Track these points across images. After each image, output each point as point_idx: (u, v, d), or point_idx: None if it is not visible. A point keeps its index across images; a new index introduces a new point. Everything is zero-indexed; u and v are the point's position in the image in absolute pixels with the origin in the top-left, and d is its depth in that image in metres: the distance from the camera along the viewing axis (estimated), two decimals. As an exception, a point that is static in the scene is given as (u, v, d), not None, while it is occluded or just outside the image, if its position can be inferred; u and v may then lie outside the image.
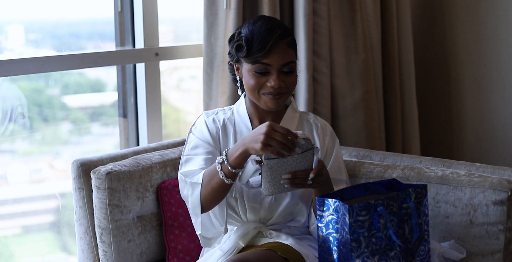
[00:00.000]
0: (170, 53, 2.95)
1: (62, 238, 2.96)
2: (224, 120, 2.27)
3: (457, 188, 2.27)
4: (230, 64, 2.26)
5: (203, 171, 2.13)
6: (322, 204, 2.00)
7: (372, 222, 1.99)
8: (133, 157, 2.44)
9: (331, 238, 1.99)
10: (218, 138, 2.24)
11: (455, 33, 3.47)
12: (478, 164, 2.45)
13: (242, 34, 2.15)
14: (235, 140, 2.24)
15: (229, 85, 2.82)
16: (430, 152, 3.55)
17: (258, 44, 2.11)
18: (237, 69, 2.23)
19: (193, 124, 2.29)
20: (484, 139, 3.45)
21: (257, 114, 2.25)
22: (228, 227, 2.24)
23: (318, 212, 2.02)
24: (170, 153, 2.52)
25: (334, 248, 1.99)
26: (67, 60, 2.66)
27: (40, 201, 2.94)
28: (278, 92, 2.14)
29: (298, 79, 2.23)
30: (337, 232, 1.98)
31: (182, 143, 2.67)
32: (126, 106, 2.95)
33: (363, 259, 1.97)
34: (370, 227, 1.98)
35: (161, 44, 2.92)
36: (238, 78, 2.24)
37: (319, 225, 2.02)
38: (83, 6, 2.90)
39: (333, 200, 1.98)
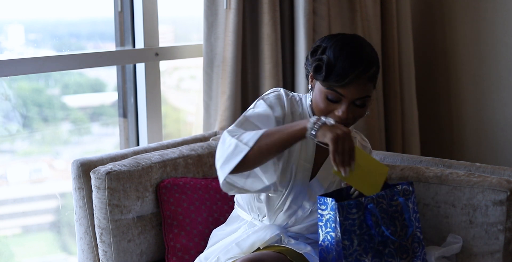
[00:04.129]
0: (170, 53, 2.95)
1: (62, 238, 2.96)
2: (294, 112, 2.16)
3: (456, 188, 2.27)
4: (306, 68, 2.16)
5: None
6: (323, 203, 2.01)
7: (363, 220, 2.00)
8: (132, 157, 2.44)
9: (328, 237, 2.00)
10: (285, 121, 2.14)
11: (455, 33, 3.47)
12: (478, 164, 2.45)
13: (325, 56, 2.03)
14: None
15: (229, 85, 2.82)
16: (430, 152, 3.55)
17: (338, 75, 2.01)
18: (311, 77, 2.12)
19: (267, 94, 2.17)
20: (484, 139, 3.45)
21: None
22: (249, 222, 2.23)
23: (319, 211, 2.03)
24: (170, 153, 2.52)
25: (331, 246, 2.00)
26: (67, 60, 2.66)
27: (40, 201, 2.95)
28: (344, 122, 2.06)
29: (368, 111, 2.13)
30: (333, 230, 1.99)
31: (182, 143, 2.67)
32: (126, 106, 2.95)
33: (356, 257, 1.98)
34: (361, 224, 1.99)
35: (161, 44, 2.92)
36: (309, 86, 2.13)
37: (320, 223, 2.03)
38: (83, 6, 2.90)
39: (331, 199, 1.99)
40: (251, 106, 2.15)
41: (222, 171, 2.00)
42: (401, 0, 3.28)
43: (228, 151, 1.99)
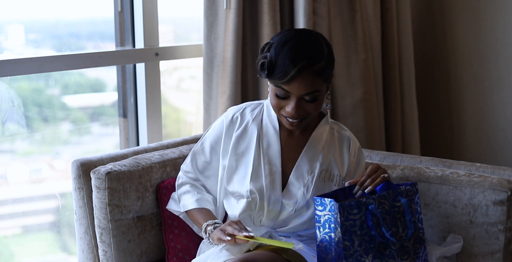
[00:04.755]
0: (170, 53, 2.94)
1: (62, 238, 2.96)
2: (248, 122, 2.22)
3: (457, 188, 2.27)
4: None
5: (194, 204, 2.26)
6: (320, 204, 2.01)
7: (364, 221, 1.99)
8: (133, 157, 2.44)
9: (327, 238, 2.00)
10: (236, 138, 2.21)
11: (455, 33, 3.47)
12: (478, 164, 2.44)
13: (269, 53, 2.04)
14: (259, 143, 2.20)
15: (229, 85, 2.82)
16: (430, 152, 3.55)
17: (279, 72, 2.01)
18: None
19: (218, 119, 2.29)
20: (484, 139, 3.45)
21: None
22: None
23: (316, 212, 2.02)
24: (170, 153, 2.52)
25: (330, 247, 1.99)
26: (67, 60, 2.66)
27: (40, 201, 2.94)
28: (296, 118, 2.08)
29: (328, 104, 2.17)
30: (332, 231, 1.99)
31: (182, 143, 2.67)
32: (126, 106, 2.95)
33: (357, 258, 1.98)
34: (362, 225, 1.99)
35: (161, 44, 2.92)
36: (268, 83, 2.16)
37: (317, 224, 2.03)
38: (83, 6, 2.90)
39: (329, 199, 1.99)
40: (207, 129, 2.32)
41: (170, 204, 2.36)
42: (401, 0, 3.28)
43: (173, 198, 2.35)
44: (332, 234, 1.99)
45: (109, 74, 3.05)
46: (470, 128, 3.48)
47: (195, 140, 2.73)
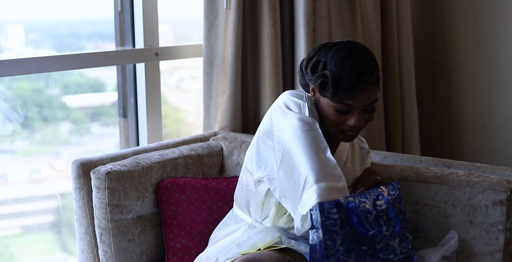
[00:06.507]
0: (170, 53, 2.95)
1: (62, 238, 2.96)
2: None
3: (456, 188, 2.27)
4: (303, 78, 2.15)
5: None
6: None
7: (345, 220, 1.99)
8: (132, 157, 2.44)
9: (315, 237, 2.00)
10: None
11: (455, 33, 3.47)
12: (478, 164, 2.44)
13: (327, 71, 2.02)
14: None
15: (229, 85, 2.82)
16: (430, 152, 3.55)
17: (345, 89, 2.00)
18: (313, 90, 2.12)
19: (298, 104, 2.09)
20: (484, 139, 3.45)
21: (322, 128, 2.13)
22: (249, 224, 2.24)
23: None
24: (170, 153, 2.52)
25: (317, 246, 1.99)
26: (67, 60, 2.66)
27: (40, 201, 2.95)
28: (357, 130, 2.10)
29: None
30: (317, 230, 1.99)
31: (182, 143, 2.67)
32: (126, 106, 2.95)
33: (339, 257, 1.97)
34: (343, 224, 1.98)
35: (161, 44, 2.92)
36: (312, 98, 2.12)
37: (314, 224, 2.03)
38: (83, 6, 2.90)
39: None
40: (295, 124, 2.05)
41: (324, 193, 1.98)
42: (401, 0, 3.28)
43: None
44: (317, 234, 1.99)
45: (109, 74, 3.05)
46: (470, 128, 3.48)
47: (195, 140, 2.73)
